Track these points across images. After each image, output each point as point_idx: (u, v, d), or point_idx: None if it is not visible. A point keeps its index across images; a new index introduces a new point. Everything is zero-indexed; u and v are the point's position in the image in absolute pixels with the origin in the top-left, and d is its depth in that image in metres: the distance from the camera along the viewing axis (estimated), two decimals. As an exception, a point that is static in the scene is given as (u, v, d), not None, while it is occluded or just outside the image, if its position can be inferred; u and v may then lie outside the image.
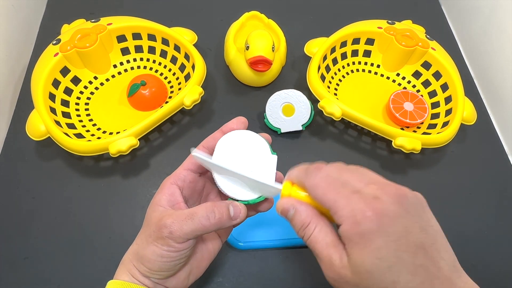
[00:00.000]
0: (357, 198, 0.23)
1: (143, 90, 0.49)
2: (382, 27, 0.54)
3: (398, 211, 0.23)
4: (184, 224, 0.28)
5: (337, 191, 0.24)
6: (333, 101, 0.47)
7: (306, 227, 0.26)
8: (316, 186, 0.25)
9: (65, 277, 0.41)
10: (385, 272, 0.22)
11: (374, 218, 0.22)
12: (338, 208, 0.24)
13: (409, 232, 0.22)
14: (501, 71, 0.56)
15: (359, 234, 0.22)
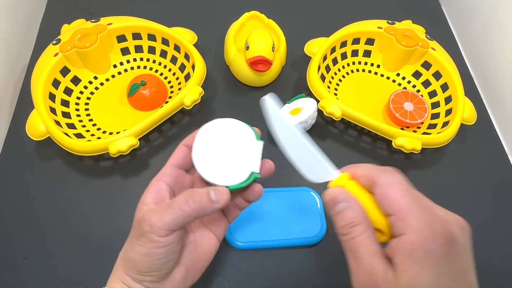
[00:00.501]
0: (432, 214, 0.22)
1: (143, 90, 0.49)
2: (382, 27, 0.54)
3: (466, 244, 0.22)
4: (164, 214, 0.27)
5: (412, 199, 0.23)
6: (333, 101, 0.47)
7: (353, 226, 0.24)
8: (391, 186, 0.24)
9: (65, 277, 0.41)
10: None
11: (447, 241, 0.21)
12: (410, 217, 0.22)
13: (468, 270, 0.22)
14: (501, 71, 0.56)
15: (425, 252, 0.21)
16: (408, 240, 0.21)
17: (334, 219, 0.25)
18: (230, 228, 0.43)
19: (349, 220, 0.24)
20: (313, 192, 0.46)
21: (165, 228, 0.27)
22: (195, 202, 0.27)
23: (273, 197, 0.46)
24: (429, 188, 0.49)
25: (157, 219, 0.27)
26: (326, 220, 0.45)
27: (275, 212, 0.45)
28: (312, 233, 0.44)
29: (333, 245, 0.44)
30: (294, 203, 0.46)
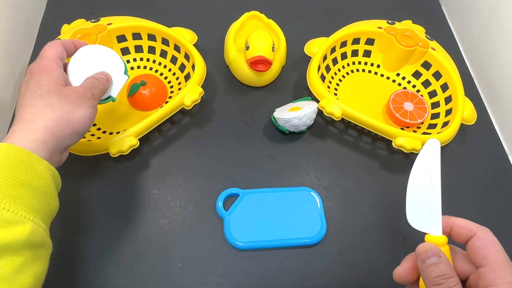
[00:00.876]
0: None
1: (143, 90, 0.49)
2: (382, 27, 0.54)
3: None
4: (96, 88, 0.36)
5: (506, 259, 0.27)
6: (333, 101, 0.47)
7: (448, 278, 0.27)
8: (492, 243, 0.28)
9: (65, 277, 0.41)
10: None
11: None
12: (503, 271, 0.26)
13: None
14: (501, 71, 0.56)
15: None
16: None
17: (425, 271, 0.28)
18: (230, 228, 0.43)
19: (444, 271, 0.27)
20: (313, 192, 0.46)
21: (99, 97, 0.36)
22: (107, 81, 0.38)
23: (273, 197, 0.46)
24: (429, 188, 0.49)
25: (96, 91, 0.35)
26: (326, 220, 0.45)
27: (275, 212, 0.45)
28: (312, 233, 0.44)
29: (333, 245, 0.44)
30: (294, 203, 0.46)
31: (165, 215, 0.45)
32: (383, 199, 0.48)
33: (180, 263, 0.42)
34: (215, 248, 0.43)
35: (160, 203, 0.46)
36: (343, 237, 0.45)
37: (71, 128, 0.33)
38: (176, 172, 0.48)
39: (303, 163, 0.50)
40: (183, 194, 0.47)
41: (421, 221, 0.30)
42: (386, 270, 0.43)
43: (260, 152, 0.50)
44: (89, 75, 0.37)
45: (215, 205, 0.45)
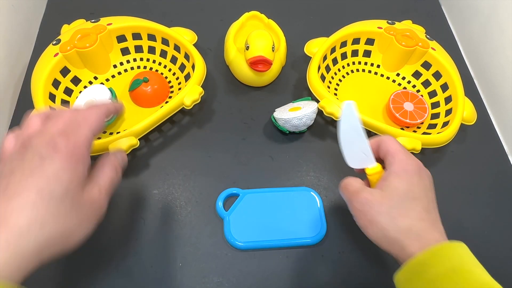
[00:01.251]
0: (412, 157, 0.34)
1: (144, 87, 0.50)
2: (382, 27, 0.54)
3: (430, 178, 0.34)
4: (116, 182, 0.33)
5: (402, 149, 0.35)
6: (333, 101, 0.47)
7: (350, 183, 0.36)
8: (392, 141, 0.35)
9: (65, 277, 0.41)
10: (410, 199, 0.32)
11: (418, 167, 0.34)
12: (399, 155, 0.34)
13: (429, 190, 0.34)
14: (501, 71, 0.57)
15: (404, 170, 0.33)
16: (395, 165, 0.33)
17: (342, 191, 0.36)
18: (230, 228, 0.43)
19: (348, 181, 0.36)
20: (313, 192, 0.46)
21: None
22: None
23: (273, 197, 0.46)
24: (429, 188, 0.49)
25: (114, 187, 0.34)
26: (326, 220, 0.45)
27: (275, 212, 0.45)
28: (312, 233, 0.44)
29: (333, 245, 0.44)
30: (294, 203, 0.46)
31: (165, 215, 0.45)
32: (383, 199, 0.47)
33: (180, 263, 0.42)
34: (215, 248, 0.43)
35: (160, 203, 0.46)
36: (343, 237, 0.45)
37: (65, 247, 0.26)
38: (176, 172, 0.48)
39: (303, 163, 0.50)
40: (183, 194, 0.47)
41: (358, 161, 0.36)
42: (386, 270, 0.43)
43: (260, 152, 0.50)
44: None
45: (215, 205, 0.45)
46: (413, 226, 0.31)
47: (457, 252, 0.30)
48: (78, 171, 0.26)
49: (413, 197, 0.32)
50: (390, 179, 0.33)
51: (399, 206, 0.32)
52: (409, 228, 0.31)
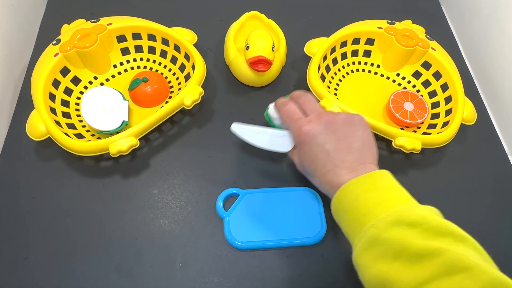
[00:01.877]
0: (300, 121, 0.38)
1: (144, 87, 0.50)
2: (382, 27, 0.54)
3: (321, 130, 0.37)
4: None
5: (290, 119, 0.39)
6: (333, 101, 0.47)
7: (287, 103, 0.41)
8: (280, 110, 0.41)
9: (65, 277, 0.41)
10: (310, 163, 0.38)
11: (308, 134, 0.37)
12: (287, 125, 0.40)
13: (326, 142, 0.36)
14: (501, 71, 0.57)
15: (300, 143, 0.38)
16: (295, 139, 0.40)
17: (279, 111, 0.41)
18: (230, 228, 0.43)
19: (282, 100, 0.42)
20: (313, 192, 0.46)
21: None
22: None
23: (273, 197, 0.46)
24: (429, 188, 0.49)
25: None
26: (326, 220, 0.45)
27: (275, 212, 0.45)
28: (312, 233, 0.44)
29: (333, 245, 0.44)
30: (294, 203, 0.46)
31: (165, 215, 0.45)
32: (383, 199, 0.47)
33: (180, 263, 0.42)
34: (215, 248, 0.43)
35: (160, 203, 0.46)
36: (343, 237, 0.44)
37: None
38: (176, 172, 0.48)
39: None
40: (183, 194, 0.47)
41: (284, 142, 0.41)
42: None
43: (260, 152, 0.50)
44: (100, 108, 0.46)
45: (215, 205, 0.45)
46: (322, 182, 0.37)
47: (357, 185, 0.34)
48: None
49: (310, 161, 0.38)
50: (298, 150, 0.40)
51: (306, 170, 0.39)
52: (320, 184, 0.38)
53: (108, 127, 0.45)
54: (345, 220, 0.35)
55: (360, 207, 0.33)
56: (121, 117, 0.47)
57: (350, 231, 0.34)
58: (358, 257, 0.32)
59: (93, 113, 0.46)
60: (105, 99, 0.47)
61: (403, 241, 0.29)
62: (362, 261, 0.32)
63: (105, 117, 0.46)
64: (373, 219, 0.31)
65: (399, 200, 0.33)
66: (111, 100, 0.47)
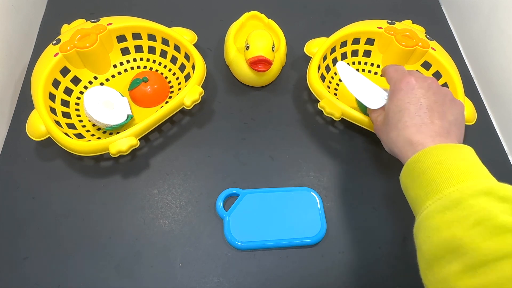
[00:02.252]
0: (404, 74, 0.39)
1: (144, 87, 0.50)
2: (382, 27, 0.54)
3: (423, 86, 0.37)
4: None
5: (396, 70, 0.41)
6: (333, 101, 0.47)
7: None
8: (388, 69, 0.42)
9: (65, 277, 0.41)
10: (397, 112, 0.37)
11: (398, 84, 0.38)
12: (391, 81, 0.40)
13: (423, 97, 0.36)
14: (501, 71, 0.56)
15: (391, 91, 0.39)
16: (391, 87, 0.40)
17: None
18: (230, 228, 0.43)
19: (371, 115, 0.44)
20: (313, 192, 0.46)
21: None
22: None
23: (273, 197, 0.46)
24: (429, 188, 0.49)
25: None
26: (326, 220, 0.45)
27: (275, 212, 0.45)
28: (312, 233, 0.44)
29: (333, 245, 0.44)
30: (294, 203, 0.46)
31: (165, 215, 0.45)
32: (383, 199, 0.48)
33: (180, 263, 0.42)
34: (215, 248, 0.43)
35: (160, 203, 0.46)
36: (343, 237, 0.45)
37: None
38: (176, 172, 0.48)
39: (303, 163, 0.50)
40: (183, 194, 0.47)
41: (376, 101, 0.42)
42: (386, 270, 0.43)
43: (260, 152, 0.50)
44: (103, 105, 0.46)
45: (215, 205, 0.45)
46: (400, 135, 0.36)
47: (444, 150, 0.33)
48: None
49: (398, 110, 0.37)
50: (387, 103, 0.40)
51: (389, 122, 0.38)
52: (397, 138, 0.36)
53: (116, 121, 0.46)
54: (418, 182, 0.32)
55: (442, 171, 0.31)
56: (125, 111, 0.48)
57: (422, 194, 0.32)
58: (428, 219, 0.30)
59: (99, 110, 0.46)
60: (105, 96, 0.47)
61: (489, 211, 0.27)
62: (433, 223, 0.29)
63: (110, 112, 0.47)
64: (457, 185, 0.30)
65: (488, 176, 0.32)
66: (111, 97, 0.48)
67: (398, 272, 0.43)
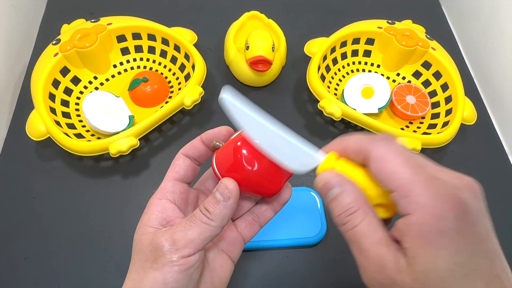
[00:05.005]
0: (438, 184, 0.19)
1: (144, 87, 0.50)
2: (382, 27, 0.54)
3: (481, 209, 0.20)
4: (188, 229, 0.23)
5: (414, 169, 0.20)
6: (333, 101, 0.47)
7: (351, 213, 0.21)
8: (388, 158, 0.20)
9: (65, 277, 0.41)
10: (461, 280, 0.18)
11: (459, 214, 0.18)
12: (414, 192, 0.19)
13: (488, 237, 0.20)
14: (501, 71, 0.56)
15: (438, 232, 0.18)
16: (416, 221, 0.19)
17: (329, 207, 0.23)
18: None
19: (346, 206, 0.21)
20: (313, 192, 0.46)
21: (191, 246, 0.23)
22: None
23: (273, 197, 0.46)
24: (429, 188, 0.49)
25: (181, 235, 0.23)
26: (326, 220, 0.45)
27: (275, 212, 0.45)
28: (312, 233, 0.44)
29: (333, 245, 0.44)
30: (294, 203, 0.45)
31: (165, 215, 0.45)
32: (383, 199, 0.47)
33: (180, 263, 0.42)
34: (215, 248, 0.43)
35: (160, 203, 0.46)
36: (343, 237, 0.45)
37: None
38: (176, 172, 0.48)
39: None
40: (183, 194, 0.46)
41: (299, 161, 0.24)
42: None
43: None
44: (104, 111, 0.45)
45: (215, 205, 0.45)
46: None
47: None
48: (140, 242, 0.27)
49: (465, 272, 0.18)
50: (415, 251, 0.19)
51: None
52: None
53: (120, 127, 0.46)
54: None
55: None
56: (125, 113, 0.48)
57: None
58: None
59: (103, 120, 0.46)
60: (103, 103, 0.47)
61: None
62: None
63: (112, 119, 0.46)
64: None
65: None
66: (108, 102, 0.47)
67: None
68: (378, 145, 0.21)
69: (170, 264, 0.22)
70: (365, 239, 0.21)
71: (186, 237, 0.23)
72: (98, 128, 0.45)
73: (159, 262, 0.23)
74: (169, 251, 0.23)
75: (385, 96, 0.51)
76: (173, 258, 0.22)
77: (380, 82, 0.52)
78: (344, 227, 0.22)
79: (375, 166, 0.21)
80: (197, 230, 0.23)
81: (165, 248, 0.23)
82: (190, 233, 0.23)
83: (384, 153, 0.21)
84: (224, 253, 0.28)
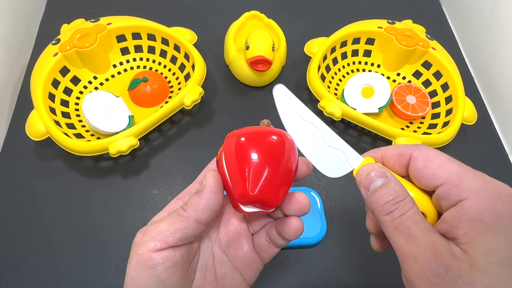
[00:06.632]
0: (486, 176, 0.21)
1: (144, 87, 0.50)
2: (382, 27, 0.54)
3: None
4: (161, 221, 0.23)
5: (460, 164, 0.21)
6: (333, 101, 0.47)
7: (400, 201, 0.21)
8: (432, 157, 0.22)
9: (65, 277, 0.41)
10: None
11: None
12: (465, 180, 0.20)
13: None
14: (501, 71, 0.56)
15: (496, 213, 0.18)
16: (471, 204, 0.19)
17: (371, 200, 0.22)
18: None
19: (394, 194, 0.21)
20: (313, 192, 0.46)
21: (157, 238, 0.21)
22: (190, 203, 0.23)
23: (273, 197, 0.46)
24: (429, 188, 0.49)
25: (153, 227, 0.22)
26: (326, 220, 0.45)
27: (275, 212, 0.45)
28: (312, 233, 0.44)
29: (333, 245, 0.44)
30: (294, 203, 0.46)
31: (165, 215, 0.45)
32: (383, 199, 0.47)
33: (180, 263, 0.42)
34: (215, 248, 0.43)
35: (160, 203, 0.46)
36: (343, 237, 0.45)
37: None
38: (176, 172, 0.48)
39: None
40: (183, 194, 0.46)
41: (336, 165, 0.24)
42: (386, 270, 0.43)
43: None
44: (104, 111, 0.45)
45: (215, 205, 0.45)
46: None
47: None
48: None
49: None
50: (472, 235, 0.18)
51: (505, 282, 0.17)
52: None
53: (120, 127, 0.46)
54: None
55: None
56: (125, 113, 0.47)
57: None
58: None
59: (103, 120, 0.45)
60: (103, 103, 0.47)
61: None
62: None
63: (112, 119, 0.46)
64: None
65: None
66: (108, 102, 0.47)
67: (398, 272, 0.43)
68: (420, 148, 0.23)
69: (136, 258, 0.22)
70: (416, 225, 0.20)
71: (157, 229, 0.22)
72: (98, 128, 0.45)
73: (131, 255, 0.22)
74: (138, 243, 0.22)
75: (385, 95, 0.51)
76: (139, 251, 0.22)
77: (380, 81, 0.52)
78: (391, 215, 0.21)
79: (420, 165, 0.22)
80: (168, 221, 0.22)
81: (136, 240, 0.22)
82: (161, 225, 0.22)
83: (427, 152, 0.22)
84: (238, 272, 0.27)
